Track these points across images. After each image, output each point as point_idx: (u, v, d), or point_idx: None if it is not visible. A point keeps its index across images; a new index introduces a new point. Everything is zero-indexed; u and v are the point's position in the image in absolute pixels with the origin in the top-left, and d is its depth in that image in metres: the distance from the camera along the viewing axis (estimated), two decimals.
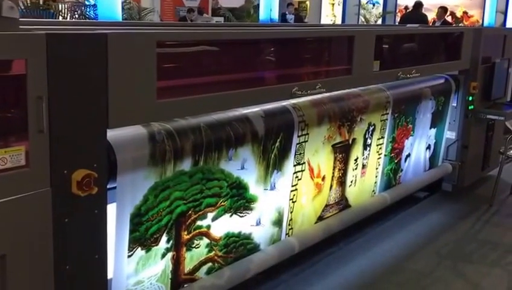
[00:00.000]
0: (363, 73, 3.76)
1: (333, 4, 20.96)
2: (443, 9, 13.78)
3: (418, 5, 13.25)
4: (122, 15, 8.30)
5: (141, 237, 2.69)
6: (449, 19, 15.35)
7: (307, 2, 21.00)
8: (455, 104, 5.46)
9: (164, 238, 2.82)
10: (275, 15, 13.90)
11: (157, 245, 2.79)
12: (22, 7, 8.18)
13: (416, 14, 13.06)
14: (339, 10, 20.72)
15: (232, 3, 18.29)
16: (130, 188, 2.58)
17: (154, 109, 2.51)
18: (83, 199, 2.23)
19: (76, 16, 9.23)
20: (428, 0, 15.16)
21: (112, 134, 2.48)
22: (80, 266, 2.32)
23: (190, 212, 2.93)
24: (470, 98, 5.42)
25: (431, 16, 14.74)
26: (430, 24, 13.32)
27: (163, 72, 2.57)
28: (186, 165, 2.82)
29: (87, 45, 2.19)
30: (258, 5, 14.02)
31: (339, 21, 20.29)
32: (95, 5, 8.86)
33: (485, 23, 16.32)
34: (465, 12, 17.86)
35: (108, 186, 2.50)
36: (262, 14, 12.29)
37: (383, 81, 4.26)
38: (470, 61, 5.34)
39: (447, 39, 5.40)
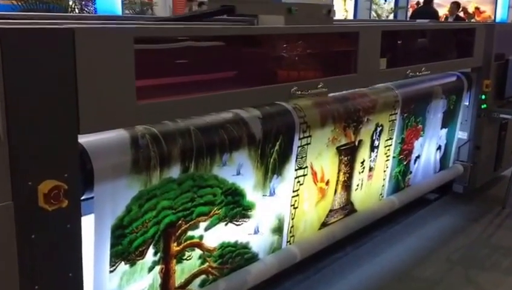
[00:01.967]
0: (369, 71, 3.45)
1: None
2: (455, 5, 13.42)
3: (429, 0, 12.89)
4: (123, 10, 7.99)
5: (124, 251, 2.41)
6: (461, 14, 14.96)
7: None
8: (467, 103, 5.14)
9: (151, 250, 2.54)
10: None
11: (143, 259, 2.50)
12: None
13: (427, 9, 12.70)
14: (350, 5, 20.46)
15: None
16: (110, 199, 2.29)
17: (134, 111, 2.22)
18: (52, 213, 1.96)
19: (77, 10, 8.91)
20: None
21: (88, 140, 2.21)
22: (51, 286, 2.05)
23: (180, 222, 2.65)
24: (483, 97, 5.10)
25: (443, 11, 14.39)
26: (442, 20, 12.98)
27: (145, 71, 2.28)
28: (174, 172, 2.53)
29: (50, 41, 1.90)
30: None
31: (350, 16, 20.04)
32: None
33: (497, 19, 15.94)
34: (477, 8, 17.50)
35: (86, 197, 2.24)
36: None
37: (390, 79, 3.95)
38: (483, 58, 5.01)
39: (459, 35, 5.07)
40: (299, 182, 3.32)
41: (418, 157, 4.64)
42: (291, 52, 3.23)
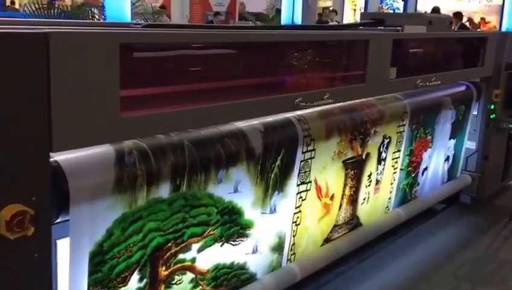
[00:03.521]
0: (378, 81, 3.08)
1: (355, 10, 20.49)
2: (456, 16, 12.96)
3: (436, 10, 12.48)
4: (132, 17, 7.62)
5: (104, 278, 2.05)
6: (467, 24, 14.55)
7: (331, 8, 20.44)
8: (476, 113, 4.76)
9: (135, 276, 2.18)
10: (298, 19, 12.90)
11: (125, 285, 2.14)
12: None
13: None
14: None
15: (260, 7, 17.65)
16: (88, 222, 1.94)
17: (118, 125, 1.85)
18: (15, 241, 1.61)
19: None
20: (446, 6, 14.45)
21: (66, 157, 1.86)
22: None
23: (170, 244, 2.29)
24: (492, 107, 4.72)
25: None
26: None
27: (131, 80, 1.93)
28: (163, 191, 2.18)
29: (19, 47, 1.55)
30: (280, 9, 13.30)
31: None
32: (102, 6, 8.18)
33: (503, 28, 15.52)
34: (482, 19, 17.04)
35: (62, 219, 1.89)
36: (284, 18, 11.47)
37: (400, 90, 3.57)
38: (493, 68, 4.62)
39: (469, 44, 4.68)
40: (301, 197, 2.96)
41: (426, 168, 4.26)
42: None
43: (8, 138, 1.58)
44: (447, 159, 4.58)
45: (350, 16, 20.71)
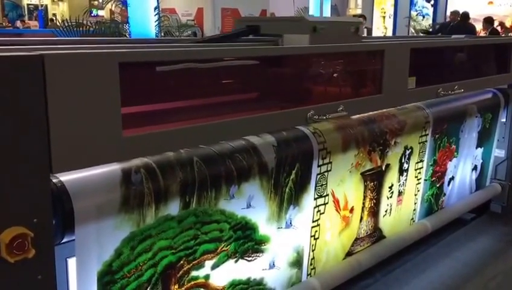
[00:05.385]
0: (396, 91, 3.00)
1: (384, 17, 20.43)
2: (486, 22, 12.84)
3: (466, 16, 12.33)
4: (157, 32, 7.69)
5: None
6: (499, 28, 14.33)
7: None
8: (504, 120, 4.63)
9: None
10: None
11: None
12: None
13: (464, 25, 12.13)
14: (389, 23, 20.17)
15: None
16: (95, 242, 1.92)
17: (120, 145, 1.83)
18: (16, 264, 1.60)
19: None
20: (477, 11, 14.25)
21: (70, 177, 1.85)
22: None
23: (182, 262, 2.26)
24: None
25: (479, 26, 13.76)
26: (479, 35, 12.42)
27: (133, 97, 1.91)
28: (173, 208, 2.15)
29: (14, 69, 1.54)
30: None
31: (389, 33, 19.81)
32: (127, 22, 8.27)
33: None
34: None
35: (68, 239, 1.88)
36: None
37: (419, 99, 3.48)
38: None
39: (494, 50, 4.56)
40: (319, 211, 2.90)
41: (452, 178, 4.15)
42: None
43: (7, 160, 1.57)
44: (475, 168, 4.46)
45: (380, 23, 20.68)
